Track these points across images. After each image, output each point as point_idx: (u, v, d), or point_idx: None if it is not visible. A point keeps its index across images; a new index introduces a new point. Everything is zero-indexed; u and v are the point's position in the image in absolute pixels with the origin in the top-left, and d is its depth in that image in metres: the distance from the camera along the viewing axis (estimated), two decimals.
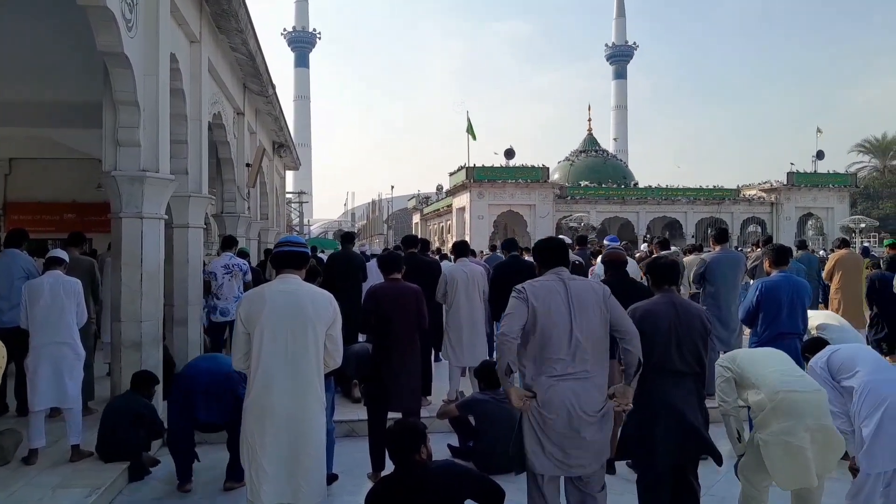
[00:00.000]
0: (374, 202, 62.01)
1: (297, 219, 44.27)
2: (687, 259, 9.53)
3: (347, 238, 8.77)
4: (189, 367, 5.27)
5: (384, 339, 5.17)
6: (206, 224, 9.79)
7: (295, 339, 3.44)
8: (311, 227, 59.34)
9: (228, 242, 8.65)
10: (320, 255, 13.05)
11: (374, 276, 7.75)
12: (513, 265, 7.25)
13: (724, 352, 5.55)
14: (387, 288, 5.35)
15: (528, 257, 9.05)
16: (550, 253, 3.70)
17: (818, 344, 4.56)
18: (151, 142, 6.08)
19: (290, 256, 3.66)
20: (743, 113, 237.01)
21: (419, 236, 10.83)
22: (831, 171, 43.06)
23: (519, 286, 3.53)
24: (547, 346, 3.39)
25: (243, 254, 9.40)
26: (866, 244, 26.39)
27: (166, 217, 6.51)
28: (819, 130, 44.11)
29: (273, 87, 12.63)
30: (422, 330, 5.40)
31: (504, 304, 3.57)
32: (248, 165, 12.43)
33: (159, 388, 5.84)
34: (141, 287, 5.94)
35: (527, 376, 3.50)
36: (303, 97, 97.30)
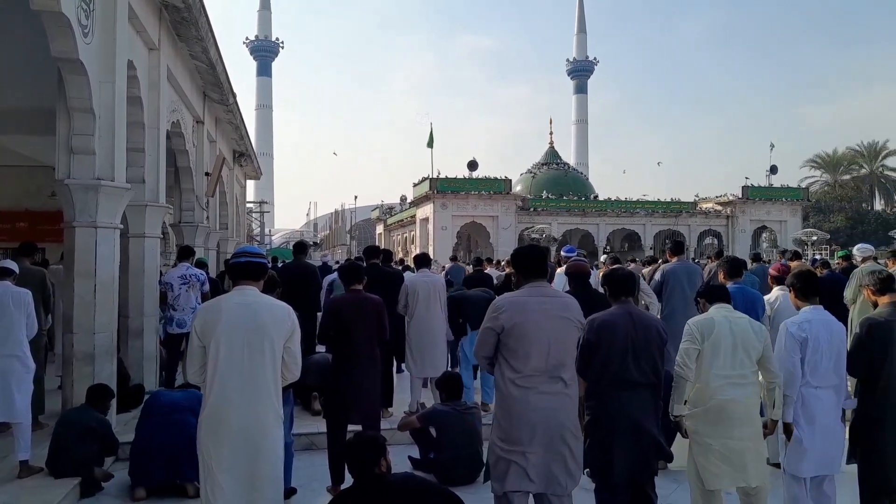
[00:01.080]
0: (336, 212, 61.55)
1: (258, 229, 43.69)
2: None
3: (300, 248, 8.69)
4: (140, 439, 5.07)
5: (344, 350, 5.12)
6: (163, 234, 9.62)
7: (252, 351, 3.37)
8: (273, 237, 58.61)
9: (186, 252, 8.50)
10: (280, 265, 12.91)
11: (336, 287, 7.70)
12: (478, 278, 7.36)
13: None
14: (348, 299, 5.30)
15: (489, 269, 9.13)
16: (530, 262, 3.65)
17: (809, 283, 4.47)
18: (107, 150, 5.97)
19: (247, 267, 3.59)
20: (699, 128, 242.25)
21: (382, 247, 10.79)
22: (784, 186, 44.28)
23: (497, 302, 3.57)
24: (525, 363, 3.41)
25: (201, 264, 9.24)
26: (817, 256, 27.08)
27: (122, 226, 6.38)
28: (772, 146, 45.32)
29: (234, 95, 12.49)
30: (383, 341, 5.36)
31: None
32: (207, 174, 12.25)
33: (114, 403, 5.70)
34: (94, 298, 5.81)
35: (502, 386, 3.51)
36: (265, 106, 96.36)
